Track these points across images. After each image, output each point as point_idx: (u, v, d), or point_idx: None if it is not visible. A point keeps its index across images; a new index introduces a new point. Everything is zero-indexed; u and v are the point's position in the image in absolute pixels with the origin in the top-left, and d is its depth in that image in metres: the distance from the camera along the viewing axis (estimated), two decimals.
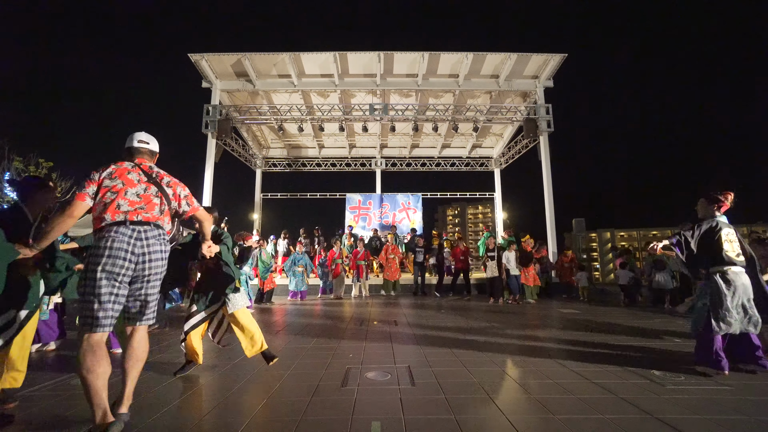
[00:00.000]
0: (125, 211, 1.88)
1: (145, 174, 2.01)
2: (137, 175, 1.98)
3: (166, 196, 2.02)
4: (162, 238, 1.98)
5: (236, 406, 2.17)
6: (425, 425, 1.87)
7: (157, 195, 2.00)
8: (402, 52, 10.06)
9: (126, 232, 1.84)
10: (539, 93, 10.88)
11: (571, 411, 2.03)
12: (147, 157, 2.13)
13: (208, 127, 10.56)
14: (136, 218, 1.89)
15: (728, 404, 2.13)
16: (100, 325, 1.76)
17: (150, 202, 1.96)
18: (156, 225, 1.96)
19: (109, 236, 1.82)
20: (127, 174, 1.95)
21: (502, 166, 14.38)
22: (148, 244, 1.89)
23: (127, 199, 1.90)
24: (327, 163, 14.91)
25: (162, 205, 2.01)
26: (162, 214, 2.00)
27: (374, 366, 2.93)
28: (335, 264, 8.56)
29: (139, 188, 1.96)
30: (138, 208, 1.91)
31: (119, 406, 1.87)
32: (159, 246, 1.95)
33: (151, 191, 1.98)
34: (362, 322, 5.11)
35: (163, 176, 2.08)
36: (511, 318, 5.45)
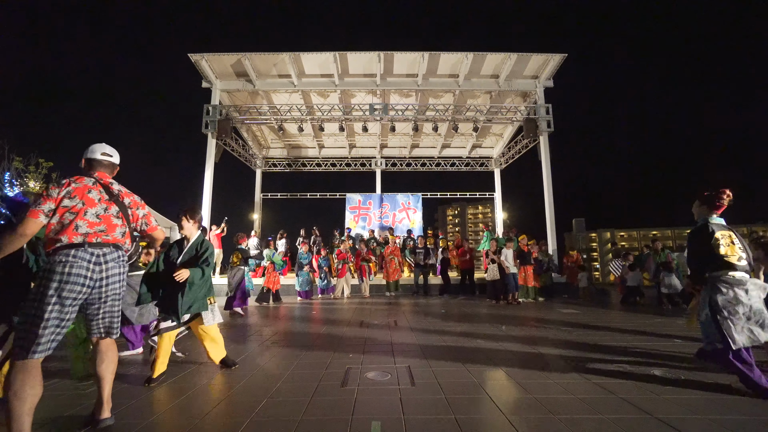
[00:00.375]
0: (84, 233, 1.79)
1: (106, 192, 1.92)
2: (98, 194, 1.88)
3: (127, 217, 1.97)
4: (121, 260, 1.92)
5: (236, 406, 2.17)
6: (425, 425, 1.87)
7: (118, 216, 1.93)
8: (402, 52, 10.07)
9: (85, 257, 1.77)
10: (539, 93, 10.88)
11: (571, 411, 2.03)
12: (108, 170, 2.03)
13: (208, 127, 10.57)
14: (95, 240, 1.81)
15: (728, 404, 2.13)
16: (38, 351, 1.64)
17: (111, 223, 1.89)
18: (116, 246, 1.90)
19: (67, 261, 1.73)
20: (88, 192, 1.85)
21: (502, 166, 14.39)
22: (107, 267, 1.84)
23: (86, 220, 1.81)
24: (327, 163, 14.92)
25: (123, 227, 1.95)
26: (123, 237, 1.95)
27: (374, 366, 2.93)
28: (341, 264, 8.58)
29: (99, 208, 1.87)
30: (98, 230, 1.83)
31: (100, 412, 1.85)
32: (118, 269, 1.90)
33: (111, 211, 1.91)
34: (362, 322, 5.11)
35: (124, 195, 2.01)
36: (511, 318, 5.45)
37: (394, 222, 13.32)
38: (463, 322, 5.15)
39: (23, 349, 1.64)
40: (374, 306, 6.93)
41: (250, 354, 3.47)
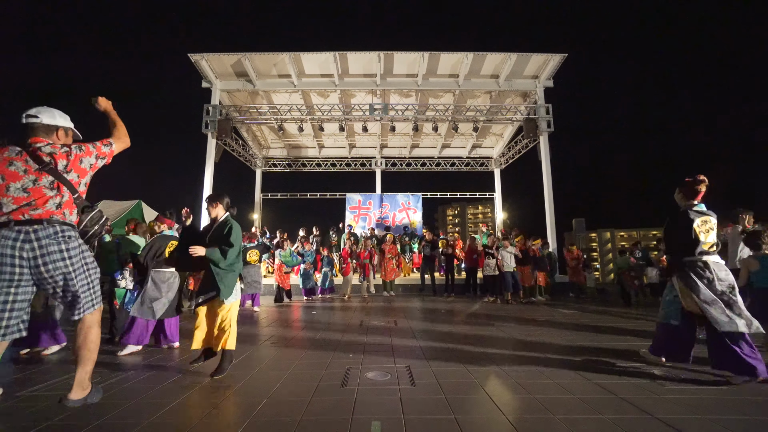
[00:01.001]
0: (8, 211, 1.62)
1: (35, 160, 1.67)
2: (23, 164, 1.66)
3: (66, 183, 1.72)
4: (60, 236, 1.71)
5: (236, 406, 2.17)
6: (425, 425, 1.87)
7: (53, 186, 1.70)
8: (402, 52, 10.07)
9: (10, 236, 1.61)
10: (539, 93, 10.89)
11: (571, 411, 2.03)
12: (43, 134, 1.77)
13: (208, 127, 10.57)
14: (22, 217, 1.63)
15: (728, 404, 2.12)
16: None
17: (42, 195, 1.67)
18: (49, 222, 1.68)
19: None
20: (8, 166, 1.64)
21: (502, 166, 14.39)
22: (39, 245, 1.65)
23: (10, 197, 1.63)
24: (327, 163, 14.93)
25: (59, 197, 1.71)
26: (59, 209, 1.71)
27: (374, 366, 2.93)
28: (346, 263, 8.59)
29: (27, 180, 1.65)
30: (25, 205, 1.64)
31: (69, 392, 1.79)
32: (57, 246, 1.68)
33: (43, 182, 1.68)
34: (362, 322, 5.11)
35: (61, 157, 1.73)
36: (512, 318, 5.45)
37: (394, 222, 13.33)
38: (464, 321, 5.15)
39: None
40: (375, 306, 6.93)
41: (250, 354, 3.47)
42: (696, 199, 2.81)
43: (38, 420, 1.97)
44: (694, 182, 2.81)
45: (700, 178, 2.81)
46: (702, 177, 2.81)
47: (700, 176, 2.82)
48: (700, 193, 2.81)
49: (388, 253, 8.98)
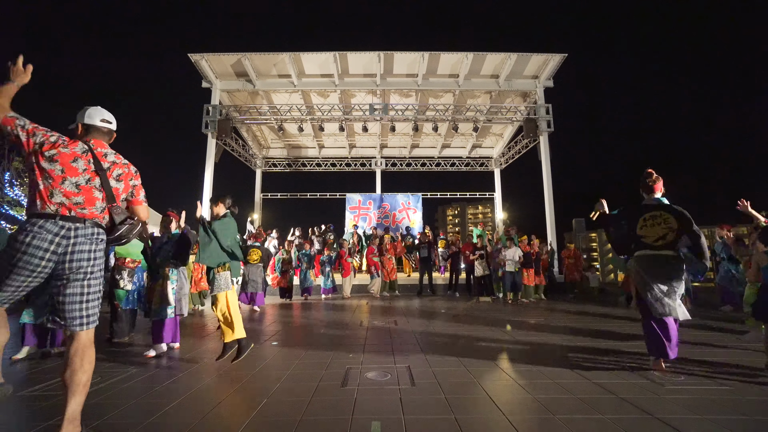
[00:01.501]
0: (58, 202, 1.67)
1: (95, 163, 1.76)
2: (84, 164, 1.74)
3: (108, 191, 1.79)
4: (96, 237, 1.75)
5: (236, 406, 2.17)
6: (425, 425, 1.87)
7: (100, 189, 1.77)
8: (402, 52, 10.07)
9: (52, 229, 1.63)
10: (539, 93, 10.89)
11: (571, 411, 2.03)
12: (105, 138, 1.89)
13: (208, 127, 10.58)
14: (69, 213, 1.68)
15: (728, 404, 2.12)
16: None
17: (91, 196, 1.74)
18: (94, 223, 1.74)
19: (31, 231, 1.61)
20: (73, 161, 1.71)
21: (502, 166, 14.39)
22: (74, 242, 1.67)
23: (63, 189, 1.67)
24: (327, 163, 14.93)
25: (103, 201, 1.79)
26: (102, 213, 1.79)
27: (374, 366, 2.93)
28: (345, 263, 8.59)
29: (81, 179, 1.72)
30: (75, 202, 1.70)
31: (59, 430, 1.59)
32: (88, 245, 1.71)
33: (94, 183, 1.75)
34: (362, 322, 5.11)
35: (116, 167, 1.84)
36: (511, 318, 5.44)
37: (394, 222, 13.32)
38: (464, 321, 5.15)
39: None
40: (375, 305, 6.93)
41: (250, 354, 3.47)
42: (654, 193, 2.86)
43: (38, 420, 1.97)
44: (644, 176, 2.90)
45: (648, 172, 2.90)
46: (650, 170, 2.89)
47: (648, 170, 2.90)
48: (656, 186, 2.86)
49: (389, 253, 8.98)
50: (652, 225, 2.77)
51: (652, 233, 2.76)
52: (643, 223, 2.79)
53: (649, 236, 2.76)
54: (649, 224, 2.77)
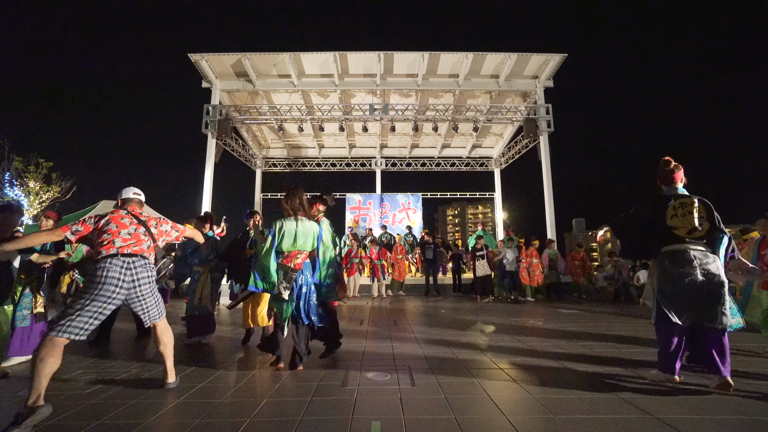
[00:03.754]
0: (118, 246, 2.33)
1: (136, 219, 2.49)
2: (129, 220, 2.46)
3: (151, 235, 2.50)
4: (148, 266, 2.43)
5: (236, 406, 2.17)
6: (425, 425, 1.87)
7: (145, 234, 2.48)
8: (402, 52, 10.06)
9: (118, 264, 2.28)
10: (539, 93, 10.88)
11: (571, 411, 2.03)
12: (138, 206, 2.61)
13: (208, 127, 10.57)
14: (126, 251, 2.34)
15: (728, 404, 2.12)
16: (67, 332, 2.10)
17: (139, 239, 2.43)
18: (142, 256, 2.42)
19: (105, 266, 2.24)
20: (121, 219, 2.43)
21: (502, 166, 14.38)
22: (136, 271, 2.34)
23: (120, 238, 2.36)
24: (327, 163, 14.92)
25: (148, 242, 2.48)
26: (148, 249, 2.48)
27: (374, 366, 2.93)
28: (351, 263, 8.60)
29: (131, 228, 2.43)
30: (129, 243, 2.37)
31: (165, 378, 2.48)
32: (146, 272, 2.39)
33: (140, 231, 2.46)
34: (362, 322, 5.11)
35: (150, 220, 2.56)
36: (511, 317, 5.44)
37: (394, 222, 13.32)
38: (464, 321, 5.15)
39: (58, 327, 2.09)
40: (375, 306, 6.93)
41: (250, 353, 3.47)
42: (675, 183, 2.59)
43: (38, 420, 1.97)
44: (662, 165, 2.64)
45: (665, 160, 2.63)
46: (667, 158, 2.63)
47: (666, 158, 2.64)
48: (675, 175, 2.59)
49: (399, 254, 9.01)
50: (683, 214, 2.42)
51: (684, 223, 2.41)
52: (673, 212, 2.44)
53: (682, 227, 2.41)
54: (680, 213, 2.43)
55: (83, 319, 2.14)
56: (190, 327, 3.92)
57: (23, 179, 13.33)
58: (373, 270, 8.83)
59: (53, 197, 13.81)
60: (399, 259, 8.98)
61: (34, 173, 13.45)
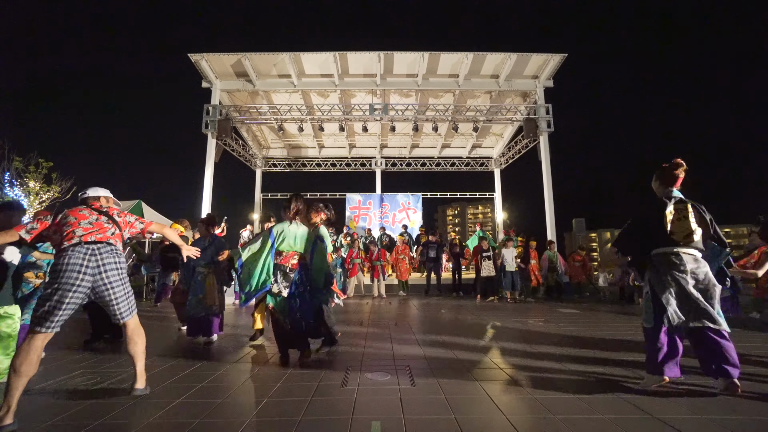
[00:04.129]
0: (80, 235, 2.25)
1: (95, 210, 2.42)
2: (89, 212, 2.39)
3: (116, 222, 2.42)
4: (114, 252, 2.32)
5: (236, 406, 2.17)
6: (425, 425, 1.87)
7: (108, 222, 2.39)
8: (402, 52, 10.06)
9: (81, 251, 2.19)
10: (539, 93, 10.88)
11: (571, 411, 2.03)
12: (97, 202, 2.54)
13: (208, 127, 10.56)
14: (90, 239, 2.25)
15: (728, 404, 2.12)
16: (43, 326, 2.05)
17: (102, 227, 2.35)
18: (108, 243, 2.31)
19: (66, 254, 2.17)
20: (79, 211, 2.36)
21: (502, 166, 14.38)
22: (102, 257, 2.23)
23: (81, 227, 2.28)
24: (327, 163, 14.92)
25: (113, 229, 2.39)
26: (113, 236, 2.37)
27: (374, 366, 2.93)
28: (353, 264, 8.62)
29: (92, 218, 2.36)
30: (91, 231, 2.29)
31: (134, 384, 2.30)
32: (112, 258, 2.28)
33: (102, 219, 2.38)
34: (362, 322, 5.11)
35: (112, 210, 2.49)
36: (512, 317, 5.44)
37: (394, 222, 13.32)
38: (465, 321, 5.15)
39: (34, 324, 2.05)
40: (378, 305, 6.93)
41: (250, 353, 3.47)
42: (675, 186, 2.57)
43: (38, 420, 1.97)
44: (673, 166, 2.56)
45: (678, 162, 2.57)
46: (680, 161, 2.58)
47: (678, 160, 2.59)
48: (679, 179, 2.56)
49: (401, 254, 9.03)
50: (679, 219, 2.43)
51: (681, 228, 2.42)
52: (671, 216, 2.44)
53: (679, 232, 2.41)
54: (677, 218, 2.44)
55: (55, 311, 2.07)
56: (191, 327, 3.97)
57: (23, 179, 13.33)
58: (372, 270, 8.85)
59: (53, 197, 13.80)
60: (401, 259, 9.00)
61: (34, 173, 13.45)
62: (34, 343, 2.01)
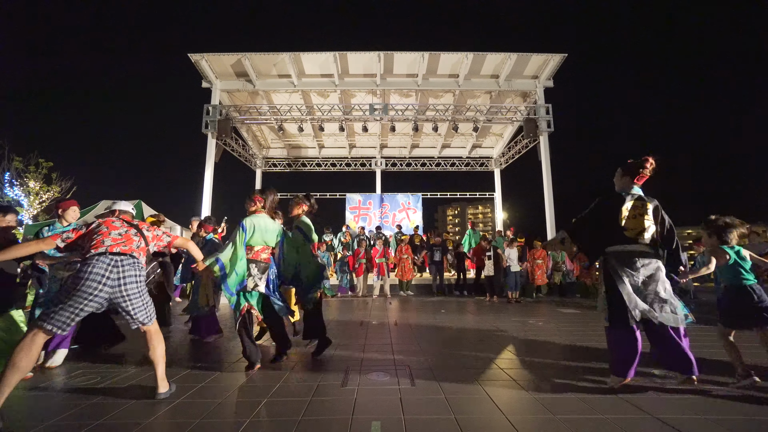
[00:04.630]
0: (107, 245, 2.31)
1: (127, 223, 2.50)
2: (120, 223, 2.47)
3: (143, 236, 2.50)
4: (136, 265, 2.37)
5: (236, 406, 2.17)
6: (425, 425, 1.87)
7: (137, 235, 2.47)
8: (402, 52, 10.06)
9: (105, 261, 2.24)
10: (539, 93, 10.88)
11: (571, 411, 2.03)
12: (129, 217, 2.65)
13: (208, 127, 10.56)
14: (115, 250, 2.31)
15: (728, 404, 2.12)
16: (51, 326, 2.06)
17: (129, 239, 2.42)
18: (131, 256, 2.37)
19: (91, 262, 2.22)
20: (112, 223, 2.44)
21: (502, 166, 14.38)
22: (123, 269, 2.29)
23: (110, 238, 2.35)
24: (327, 163, 14.92)
25: (139, 242, 2.46)
26: (138, 249, 2.44)
27: (374, 366, 2.93)
28: (359, 263, 8.65)
29: (122, 230, 2.43)
30: (118, 242, 2.36)
31: (157, 388, 2.32)
32: (133, 271, 2.33)
33: (131, 232, 2.46)
34: (362, 322, 5.11)
35: (142, 224, 2.56)
36: (512, 317, 5.44)
37: (394, 222, 13.32)
38: (464, 321, 5.15)
39: (40, 320, 2.06)
40: (376, 305, 6.93)
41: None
42: (637, 182, 2.55)
43: (38, 420, 1.97)
44: (641, 163, 2.53)
45: (646, 158, 2.54)
46: (649, 157, 2.54)
47: (647, 156, 2.55)
48: (644, 176, 2.54)
49: (404, 253, 9.04)
50: (634, 216, 2.46)
51: (635, 225, 2.45)
52: (627, 213, 2.47)
53: (633, 228, 2.45)
54: (633, 214, 2.47)
55: (65, 314, 2.11)
56: (195, 326, 4.10)
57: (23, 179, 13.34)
58: (378, 268, 8.89)
59: (53, 197, 13.80)
60: (404, 259, 9.02)
61: (34, 173, 13.46)
62: (37, 339, 2.02)
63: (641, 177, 2.54)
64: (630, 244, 2.44)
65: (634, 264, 2.41)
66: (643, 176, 2.54)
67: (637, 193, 2.54)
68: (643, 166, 2.53)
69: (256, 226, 3.00)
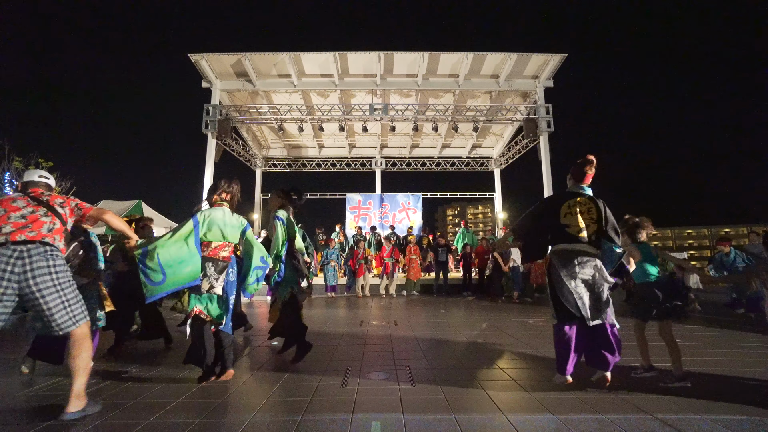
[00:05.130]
0: (7, 232, 1.92)
1: (33, 200, 2.08)
2: (24, 202, 2.05)
3: (57, 214, 2.08)
4: (49, 254, 1.98)
5: (236, 406, 2.17)
6: (425, 425, 1.87)
7: (47, 215, 2.06)
8: (402, 52, 10.06)
9: (6, 253, 1.88)
10: (539, 93, 10.87)
11: (571, 411, 2.04)
12: (42, 188, 2.22)
13: (208, 127, 10.55)
14: (18, 238, 1.92)
15: (728, 404, 2.12)
16: None
17: (37, 221, 2.02)
18: (42, 243, 1.98)
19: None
20: (12, 202, 2.03)
21: (502, 166, 14.38)
22: (30, 261, 1.90)
23: (9, 223, 1.96)
24: (327, 163, 14.91)
25: (51, 224, 2.06)
26: (50, 232, 2.04)
27: (374, 366, 2.93)
28: (359, 264, 8.69)
29: (25, 211, 2.02)
30: (22, 227, 1.96)
31: (66, 406, 1.94)
32: (45, 262, 1.94)
33: (39, 212, 2.04)
34: (362, 322, 5.11)
35: (54, 198, 2.15)
36: (513, 317, 5.44)
37: (394, 222, 13.32)
38: (464, 321, 5.15)
39: None
40: (377, 305, 6.93)
41: (249, 353, 3.47)
42: (584, 182, 2.58)
43: (38, 420, 1.97)
44: (582, 163, 2.57)
45: (587, 159, 2.57)
46: (590, 157, 2.57)
47: (589, 156, 2.57)
48: (588, 176, 2.57)
49: (413, 254, 9.06)
50: (573, 213, 2.48)
51: (575, 222, 2.46)
52: (567, 210, 2.49)
53: (573, 226, 2.46)
54: (574, 212, 2.48)
55: None
56: None
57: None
58: (384, 267, 8.91)
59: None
60: (413, 259, 9.06)
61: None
62: None
63: (585, 177, 2.59)
64: (572, 243, 2.46)
65: (573, 262, 2.43)
66: (587, 176, 2.59)
67: (585, 192, 2.58)
68: (584, 166, 2.59)
69: (213, 220, 2.62)
